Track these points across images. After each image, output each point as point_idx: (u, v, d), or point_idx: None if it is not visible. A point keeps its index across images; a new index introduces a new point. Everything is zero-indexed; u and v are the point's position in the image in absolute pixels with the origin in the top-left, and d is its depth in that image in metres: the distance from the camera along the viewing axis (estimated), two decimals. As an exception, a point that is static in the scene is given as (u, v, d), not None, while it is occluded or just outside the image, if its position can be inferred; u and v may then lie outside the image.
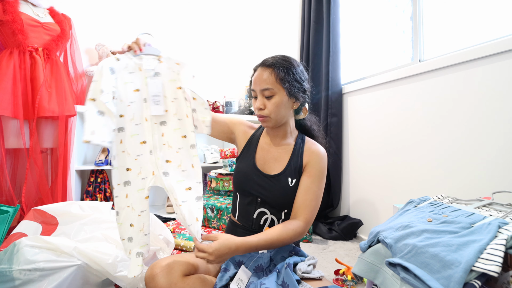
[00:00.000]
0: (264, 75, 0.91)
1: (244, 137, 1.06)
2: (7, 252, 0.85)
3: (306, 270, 0.85)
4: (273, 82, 0.90)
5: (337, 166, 1.98)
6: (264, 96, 0.92)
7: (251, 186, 0.97)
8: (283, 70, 0.91)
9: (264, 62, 0.94)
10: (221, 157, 2.27)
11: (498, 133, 1.11)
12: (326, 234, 1.76)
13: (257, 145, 1.02)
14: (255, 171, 0.97)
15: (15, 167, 1.76)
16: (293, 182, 0.94)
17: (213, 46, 2.63)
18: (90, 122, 0.79)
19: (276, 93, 0.91)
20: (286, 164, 0.97)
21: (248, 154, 1.02)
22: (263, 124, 0.97)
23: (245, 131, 1.07)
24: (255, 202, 0.97)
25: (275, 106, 0.91)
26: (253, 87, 0.95)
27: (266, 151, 1.00)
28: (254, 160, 0.99)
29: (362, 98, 1.85)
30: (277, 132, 1.00)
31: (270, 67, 0.91)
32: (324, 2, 2.07)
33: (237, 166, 1.04)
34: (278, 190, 0.94)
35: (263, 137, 1.04)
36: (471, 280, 0.51)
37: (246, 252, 0.82)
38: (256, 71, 0.96)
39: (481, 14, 1.33)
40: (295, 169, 0.96)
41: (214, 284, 0.84)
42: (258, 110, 0.93)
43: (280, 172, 0.96)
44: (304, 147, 0.99)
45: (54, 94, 1.66)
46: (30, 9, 1.70)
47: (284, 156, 0.98)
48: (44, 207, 1.16)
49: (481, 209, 0.73)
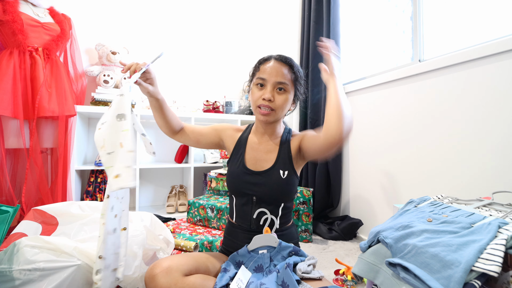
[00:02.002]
0: (284, 70, 0.93)
1: (232, 140, 1.06)
2: (7, 252, 0.85)
3: (306, 270, 0.85)
4: (290, 80, 0.94)
5: (337, 166, 1.98)
6: (276, 89, 0.93)
7: (244, 186, 0.97)
8: (298, 72, 0.96)
9: (281, 57, 0.95)
10: (221, 157, 2.27)
11: (498, 133, 1.11)
12: (326, 234, 1.76)
13: (246, 145, 1.03)
14: (246, 170, 0.98)
15: (15, 167, 1.76)
16: (286, 174, 0.95)
17: (213, 46, 2.63)
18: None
19: (288, 91, 0.94)
20: (275, 157, 0.98)
21: (237, 155, 1.02)
22: (264, 117, 0.95)
23: (232, 135, 1.07)
24: (251, 202, 0.97)
25: (283, 102, 0.94)
26: (266, 76, 0.93)
27: (255, 150, 1.01)
28: (244, 161, 1.00)
29: (362, 98, 1.85)
30: (268, 129, 1.02)
31: (288, 65, 0.94)
32: (324, 2, 2.07)
33: (228, 169, 1.04)
34: (272, 184, 0.94)
35: (252, 136, 1.05)
36: (471, 280, 0.51)
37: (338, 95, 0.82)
38: (269, 61, 0.95)
39: (481, 14, 1.33)
40: (285, 160, 0.97)
41: (214, 284, 0.84)
42: (267, 100, 0.92)
43: (271, 167, 0.97)
44: (291, 138, 1.02)
45: (54, 94, 1.66)
46: (30, 9, 1.70)
47: (273, 150, 1.00)
48: (44, 207, 1.16)
49: (481, 209, 0.73)
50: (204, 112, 2.38)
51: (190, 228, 1.69)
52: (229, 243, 1.03)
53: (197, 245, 1.35)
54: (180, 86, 2.51)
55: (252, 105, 0.99)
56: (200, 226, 1.74)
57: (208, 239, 1.43)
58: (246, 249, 0.93)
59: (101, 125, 0.77)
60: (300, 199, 1.72)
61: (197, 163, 2.33)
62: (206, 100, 2.42)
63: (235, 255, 0.93)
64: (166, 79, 2.45)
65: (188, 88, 2.55)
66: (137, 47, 2.34)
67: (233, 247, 1.00)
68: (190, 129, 1.08)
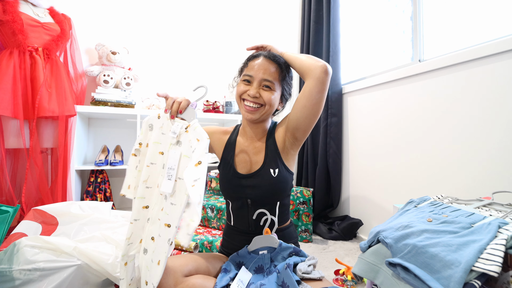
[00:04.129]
0: (271, 68, 0.91)
1: (220, 144, 1.04)
2: (7, 252, 0.86)
3: (306, 270, 0.85)
4: (276, 78, 0.92)
5: (337, 166, 1.98)
6: (262, 87, 0.92)
7: (237, 190, 0.96)
8: (285, 71, 0.94)
9: (270, 55, 0.93)
10: (221, 157, 2.27)
11: (498, 133, 1.11)
12: (326, 234, 1.76)
13: (234, 149, 1.01)
14: (236, 174, 0.96)
15: (15, 167, 1.76)
16: (276, 172, 0.93)
17: (213, 46, 2.63)
18: (128, 176, 0.83)
19: (275, 89, 0.93)
20: (263, 156, 0.96)
21: (227, 160, 1.00)
22: (251, 114, 0.93)
23: (220, 138, 1.05)
24: (246, 205, 0.96)
25: (270, 99, 0.92)
26: (253, 73, 0.91)
27: (244, 152, 0.99)
28: (234, 165, 0.98)
29: (362, 98, 1.85)
30: (255, 129, 1.00)
31: (276, 63, 0.93)
32: (324, 2, 2.07)
33: (220, 174, 1.02)
34: (264, 185, 0.93)
35: (240, 139, 1.02)
36: (471, 280, 0.51)
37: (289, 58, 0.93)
38: (257, 58, 0.93)
39: (481, 14, 1.33)
40: (273, 157, 0.95)
41: (214, 284, 0.84)
42: (253, 97, 0.91)
43: (260, 167, 0.95)
44: (275, 131, 1.01)
45: (54, 94, 1.66)
46: (30, 9, 1.70)
47: (261, 149, 0.98)
48: (44, 207, 1.16)
49: (481, 209, 0.73)
50: (204, 112, 2.38)
51: (190, 228, 1.69)
52: (228, 245, 1.02)
53: (197, 245, 1.35)
54: (180, 86, 2.51)
55: (236, 98, 0.97)
56: (200, 226, 1.74)
57: (208, 239, 1.43)
58: (247, 250, 0.92)
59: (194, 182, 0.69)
60: (300, 199, 1.72)
61: (197, 163, 2.32)
62: (206, 100, 2.42)
63: (235, 256, 0.93)
64: (166, 79, 2.45)
65: (188, 88, 2.55)
66: (137, 47, 2.34)
67: (232, 249, 0.99)
68: None
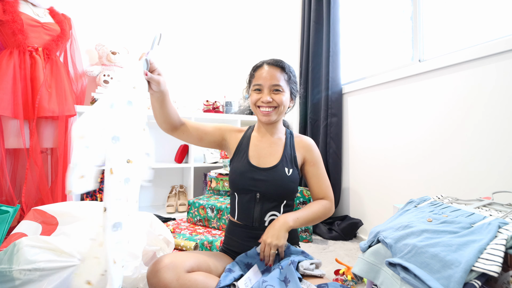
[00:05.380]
0: (277, 73, 1.00)
1: (235, 140, 1.10)
2: (7, 252, 0.85)
3: (308, 267, 0.86)
4: (284, 80, 1.01)
5: (337, 166, 1.98)
6: (272, 91, 1.00)
7: (248, 183, 0.98)
8: (290, 72, 1.03)
9: (273, 61, 1.02)
10: (221, 157, 2.27)
11: (498, 133, 1.11)
12: (326, 234, 1.76)
13: (249, 143, 1.07)
14: (250, 167, 1.00)
15: (15, 167, 1.76)
16: (290, 172, 1.00)
17: (213, 46, 2.63)
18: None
19: (284, 90, 1.01)
20: (281, 156, 1.03)
21: (241, 153, 1.05)
22: (268, 117, 1.01)
23: (236, 135, 1.11)
24: (254, 199, 0.98)
25: (282, 100, 1.00)
26: (261, 82, 1.00)
27: (259, 147, 1.05)
28: (248, 157, 1.03)
29: (362, 98, 1.85)
30: (270, 129, 1.07)
31: (280, 67, 1.01)
32: (324, 2, 2.07)
33: (231, 167, 1.06)
34: (276, 181, 0.97)
35: (254, 135, 1.09)
36: (471, 280, 0.51)
37: (302, 226, 0.96)
38: (262, 68, 1.02)
39: (481, 14, 1.33)
40: (290, 160, 1.03)
41: (217, 281, 0.84)
42: (267, 102, 0.99)
43: (276, 164, 1.00)
44: (294, 140, 1.09)
45: (54, 94, 1.66)
46: (30, 9, 1.70)
47: (278, 149, 1.04)
48: (44, 207, 1.16)
49: (481, 209, 0.73)
50: (204, 112, 2.38)
51: (190, 228, 1.69)
52: (231, 242, 1.03)
53: (197, 245, 1.35)
54: (180, 86, 2.51)
55: (251, 106, 1.06)
56: (200, 226, 1.74)
57: (208, 239, 1.43)
58: (255, 250, 0.93)
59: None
60: (300, 199, 1.72)
61: (197, 163, 2.32)
62: (206, 100, 2.42)
63: (243, 256, 0.93)
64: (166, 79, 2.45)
65: (188, 88, 2.55)
66: (137, 47, 2.34)
67: (235, 246, 1.00)
68: (193, 126, 1.04)
